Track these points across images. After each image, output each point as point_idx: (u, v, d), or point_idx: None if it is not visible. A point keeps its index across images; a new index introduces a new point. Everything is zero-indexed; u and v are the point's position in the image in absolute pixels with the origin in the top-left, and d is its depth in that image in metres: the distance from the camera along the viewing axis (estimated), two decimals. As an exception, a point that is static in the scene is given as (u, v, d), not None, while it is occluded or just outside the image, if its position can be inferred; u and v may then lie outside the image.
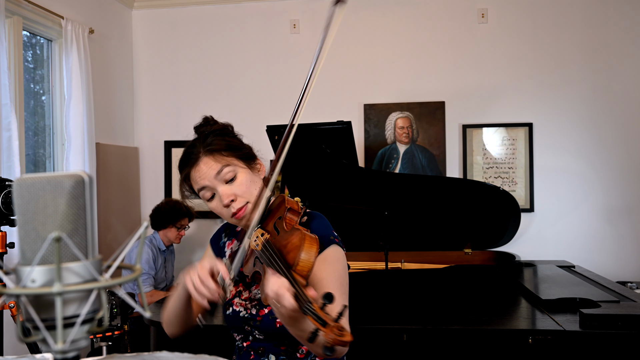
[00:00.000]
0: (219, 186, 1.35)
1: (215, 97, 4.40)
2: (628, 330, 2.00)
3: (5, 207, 2.26)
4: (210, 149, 1.36)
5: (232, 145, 1.39)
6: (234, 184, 1.35)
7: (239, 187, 1.35)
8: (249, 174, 1.38)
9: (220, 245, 1.56)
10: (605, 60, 3.97)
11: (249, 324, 1.40)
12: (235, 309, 1.44)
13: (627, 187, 3.94)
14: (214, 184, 1.35)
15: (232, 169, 1.35)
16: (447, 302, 2.55)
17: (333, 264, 1.32)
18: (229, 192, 1.34)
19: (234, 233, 1.55)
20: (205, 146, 1.36)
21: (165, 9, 4.48)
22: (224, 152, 1.36)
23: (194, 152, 1.38)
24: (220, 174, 1.34)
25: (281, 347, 1.39)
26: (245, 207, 1.35)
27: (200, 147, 1.37)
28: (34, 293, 0.55)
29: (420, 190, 3.11)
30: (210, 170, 1.34)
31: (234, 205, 1.34)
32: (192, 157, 1.37)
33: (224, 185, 1.35)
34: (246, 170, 1.38)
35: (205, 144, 1.37)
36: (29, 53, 3.64)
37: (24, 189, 0.58)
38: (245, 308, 1.42)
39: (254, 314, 1.39)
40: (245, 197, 1.35)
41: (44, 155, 3.72)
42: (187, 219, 3.83)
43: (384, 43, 4.21)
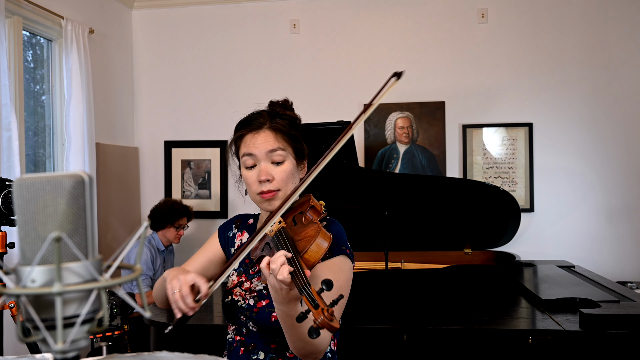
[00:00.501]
0: (264, 161, 1.37)
1: (215, 97, 4.40)
2: (628, 330, 2.00)
3: (5, 207, 2.26)
4: (276, 127, 1.39)
5: (295, 136, 1.42)
6: (279, 167, 1.38)
7: (280, 173, 1.37)
8: (294, 167, 1.41)
9: (229, 235, 1.55)
10: (605, 60, 3.97)
11: (244, 314, 1.41)
12: (234, 298, 1.44)
13: (627, 187, 3.94)
14: (262, 158, 1.37)
15: (284, 154, 1.38)
16: (447, 302, 2.55)
17: (336, 272, 1.31)
18: (270, 172, 1.36)
19: (245, 225, 1.56)
20: (273, 121, 1.39)
21: (165, 9, 4.48)
22: (286, 136, 1.39)
23: (259, 119, 1.40)
24: (272, 152, 1.37)
25: (271, 345, 1.39)
26: (276, 193, 1.37)
27: (268, 119, 1.40)
28: (34, 293, 0.55)
29: (420, 190, 3.11)
30: (266, 144, 1.37)
31: (267, 186, 1.36)
32: (257, 123, 1.40)
33: (269, 164, 1.37)
34: (293, 163, 1.41)
35: (274, 120, 1.40)
36: (29, 53, 3.64)
37: (24, 189, 0.58)
38: (244, 298, 1.42)
39: (252, 304, 1.40)
40: (281, 185, 1.37)
41: (44, 155, 3.72)
42: (185, 219, 3.82)
43: (384, 43, 4.21)
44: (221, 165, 4.40)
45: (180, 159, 4.47)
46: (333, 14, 4.27)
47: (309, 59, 4.30)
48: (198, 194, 4.45)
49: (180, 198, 4.39)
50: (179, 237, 3.85)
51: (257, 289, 1.42)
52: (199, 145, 4.42)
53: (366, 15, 4.24)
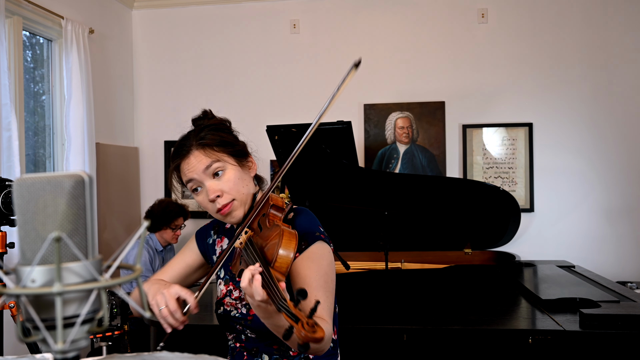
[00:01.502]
0: (206, 181, 1.35)
1: (215, 97, 4.40)
2: (628, 330, 2.00)
3: (5, 207, 2.26)
4: (202, 143, 1.35)
5: (225, 141, 1.38)
6: (222, 179, 1.34)
7: (226, 184, 1.34)
8: (238, 171, 1.37)
9: (208, 242, 1.54)
10: (605, 60, 3.97)
11: (240, 323, 1.40)
12: (226, 308, 1.43)
13: (627, 187, 3.94)
14: (202, 178, 1.35)
15: (221, 165, 1.35)
16: (447, 302, 2.55)
17: (317, 260, 1.31)
18: (216, 188, 1.34)
19: (223, 230, 1.54)
20: (198, 139, 1.36)
21: (165, 9, 4.48)
22: (215, 147, 1.35)
23: (186, 144, 1.37)
24: (208, 169, 1.34)
25: (274, 347, 1.38)
26: (231, 204, 1.35)
27: (193, 139, 1.37)
28: (34, 293, 0.55)
29: (420, 190, 3.11)
30: (199, 164, 1.34)
31: (219, 202, 1.34)
32: (184, 149, 1.37)
33: (212, 180, 1.35)
34: (236, 168, 1.37)
35: (199, 137, 1.36)
36: (29, 53, 3.64)
37: (24, 189, 0.58)
38: (236, 307, 1.41)
39: (245, 313, 1.39)
40: (232, 194, 1.35)
41: (44, 155, 3.72)
42: (181, 219, 3.80)
43: (384, 43, 4.21)
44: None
45: (180, 159, 4.47)
46: (333, 14, 4.27)
47: (309, 59, 4.30)
48: (198, 194, 4.45)
49: (180, 198, 4.39)
50: (177, 237, 3.82)
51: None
52: (199, 145, 4.41)
53: (366, 15, 4.24)
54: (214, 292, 2.84)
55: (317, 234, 1.36)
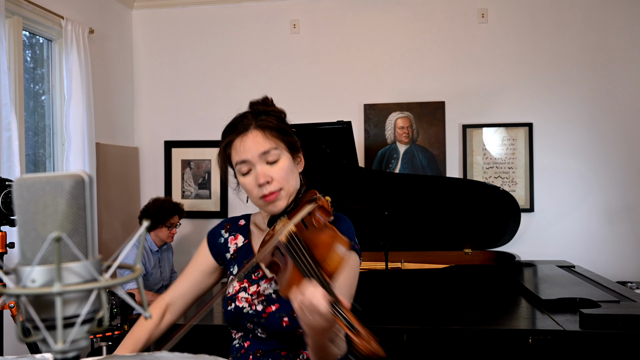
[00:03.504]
0: (259, 164, 1.31)
1: (215, 97, 4.40)
2: (628, 330, 2.00)
3: (5, 207, 2.26)
4: (263, 125, 1.32)
5: (284, 129, 1.35)
6: (275, 167, 1.31)
7: (279, 172, 1.31)
8: (291, 163, 1.34)
9: (219, 242, 1.50)
10: (605, 60, 3.97)
11: (252, 320, 1.35)
12: (238, 304, 1.38)
13: (627, 187, 3.94)
14: (255, 161, 1.31)
15: (278, 152, 1.31)
16: (447, 302, 2.55)
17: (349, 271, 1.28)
18: (267, 173, 1.30)
19: (237, 228, 1.50)
20: (259, 120, 1.33)
21: (165, 9, 4.48)
22: (275, 133, 1.32)
23: (244, 121, 1.33)
24: (265, 154, 1.30)
25: (282, 353, 1.34)
26: (278, 192, 1.31)
27: (253, 119, 1.33)
28: (34, 293, 0.55)
29: (421, 190, 3.11)
30: (257, 146, 1.30)
31: (268, 188, 1.30)
32: (242, 126, 1.33)
33: (265, 165, 1.31)
34: (290, 158, 1.34)
35: (259, 118, 1.33)
36: (29, 53, 3.64)
37: (24, 189, 0.58)
38: (250, 304, 1.36)
39: (260, 310, 1.34)
40: (281, 183, 1.31)
41: (44, 155, 3.72)
42: (177, 217, 3.76)
43: (384, 43, 4.21)
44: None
45: (180, 159, 4.47)
46: (333, 14, 4.27)
47: (309, 59, 4.30)
48: (198, 194, 4.45)
49: (180, 198, 4.39)
50: (172, 236, 3.77)
51: (265, 292, 1.36)
52: (199, 145, 4.42)
53: (366, 15, 4.24)
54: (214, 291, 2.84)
55: (353, 244, 1.34)
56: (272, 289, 1.36)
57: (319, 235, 1.20)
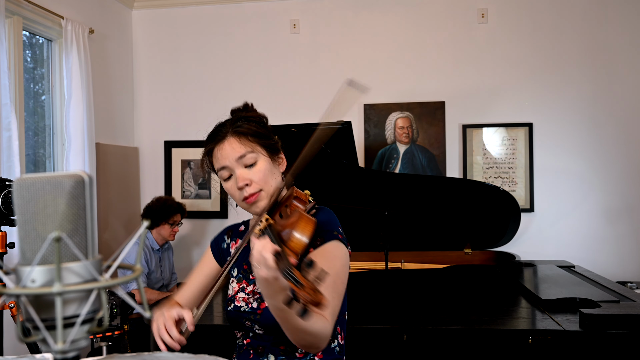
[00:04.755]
0: (237, 169, 1.38)
1: (215, 97, 4.40)
2: (628, 330, 2.00)
3: (5, 207, 2.26)
4: (238, 131, 1.38)
5: (260, 133, 1.41)
6: (253, 169, 1.37)
7: (257, 174, 1.37)
8: (270, 164, 1.40)
9: (223, 247, 1.57)
10: (605, 60, 3.97)
11: (249, 318, 1.40)
12: (237, 304, 1.43)
13: (627, 187, 3.94)
14: (234, 166, 1.38)
15: (254, 156, 1.38)
16: (447, 302, 2.55)
17: (330, 259, 1.30)
18: (246, 177, 1.37)
19: (237, 233, 1.57)
20: (235, 127, 1.39)
21: (165, 9, 4.48)
22: (250, 137, 1.38)
23: (222, 130, 1.41)
24: (242, 159, 1.37)
25: (280, 347, 1.38)
26: (258, 194, 1.37)
27: (230, 127, 1.40)
28: (34, 293, 0.55)
29: (420, 190, 3.11)
30: (234, 152, 1.37)
31: (247, 190, 1.37)
32: (220, 134, 1.40)
33: (243, 169, 1.37)
34: (268, 160, 1.40)
35: (235, 125, 1.40)
36: (28, 53, 3.64)
37: (24, 189, 0.58)
38: (247, 302, 1.42)
39: (255, 307, 1.39)
40: (260, 185, 1.37)
41: (44, 155, 3.72)
42: (179, 215, 3.79)
43: (384, 43, 4.21)
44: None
45: (180, 159, 4.47)
46: (333, 14, 4.27)
47: (309, 59, 4.30)
48: (198, 194, 4.45)
49: (179, 198, 4.39)
50: (174, 234, 3.80)
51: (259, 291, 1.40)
52: (199, 145, 4.37)
53: (366, 15, 4.24)
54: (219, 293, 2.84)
55: (335, 232, 1.37)
56: None
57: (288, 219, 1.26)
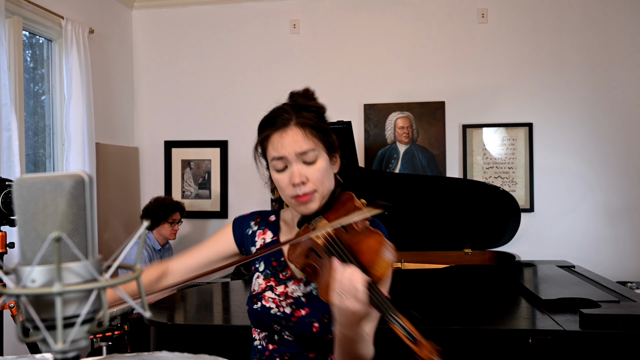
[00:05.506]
0: (296, 163, 1.25)
1: (215, 97, 4.40)
2: (628, 330, 2.00)
3: (5, 207, 2.26)
4: (303, 122, 1.26)
5: (324, 129, 1.29)
6: (312, 167, 1.25)
7: (314, 173, 1.25)
8: (328, 164, 1.29)
9: (247, 232, 1.43)
10: (605, 60, 3.97)
11: (279, 323, 1.30)
12: (264, 304, 1.32)
13: (627, 187, 3.94)
14: (292, 160, 1.25)
15: (316, 154, 1.26)
16: (447, 302, 2.55)
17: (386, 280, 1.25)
18: (303, 174, 1.24)
19: (267, 223, 1.44)
20: (299, 116, 1.26)
21: (165, 9, 4.48)
22: (315, 132, 1.26)
23: (284, 116, 1.26)
24: (303, 155, 1.25)
25: (310, 355, 1.30)
26: (312, 195, 1.26)
27: (294, 114, 1.27)
28: (34, 293, 0.55)
29: (420, 190, 3.11)
30: (296, 145, 1.24)
31: (302, 189, 1.25)
32: (282, 120, 1.26)
33: (301, 164, 1.25)
34: (327, 159, 1.29)
35: (300, 114, 1.27)
36: (28, 53, 3.64)
37: (24, 189, 0.58)
38: (278, 305, 1.31)
39: (288, 313, 1.30)
40: (316, 185, 1.26)
41: (44, 155, 3.72)
42: (178, 213, 3.80)
43: (384, 43, 4.21)
44: (221, 165, 4.40)
45: (180, 159, 4.47)
46: (333, 14, 4.27)
47: (309, 59, 4.30)
48: (198, 194, 4.45)
49: (180, 198, 4.39)
50: (175, 233, 3.81)
51: (294, 295, 1.32)
52: (199, 145, 4.42)
53: (366, 15, 4.24)
54: (214, 290, 2.84)
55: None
56: (301, 291, 1.32)
57: (362, 239, 1.16)
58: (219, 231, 1.46)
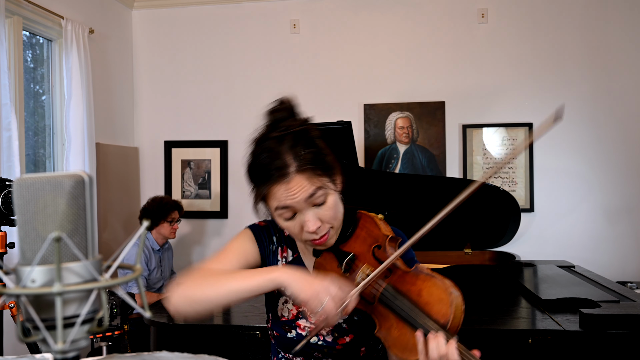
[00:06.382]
0: (305, 210, 1.14)
1: (215, 97, 4.40)
2: (628, 330, 2.00)
3: (5, 207, 2.26)
4: (304, 168, 1.12)
5: (324, 162, 1.16)
6: (322, 208, 1.15)
7: (327, 212, 1.16)
8: (337, 196, 1.19)
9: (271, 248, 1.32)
10: (605, 60, 3.97)
11: (322, 351, 1.25)
12: (300, 332, 1.26)
13: (627, 187, 3.94)
14: (301, 207, 1.14)
15: (324, 192, 1.15)
16: (447, 302, 2.55)
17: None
18: (316, 218, 1.14)
19: (283, 239, 1.34)
20: (297, 159, 1.12)
21: (165, 9, 4.48)
22: (318, 171, 1.13)
23: (280, 165, 1.12)
24: (311, 198, 1.13)
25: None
26: (328, 233, 1.18)
27: (291, 159, 1.12)
28: (34, 293, 0.55)
29: (421, 190, 3.11)
30: (302, 193, 1.12)
31: (319, 232, 1.16)
32: (279, 170, 1.12)
33: (311, 209, 1.14)
34: (335, 193, 1.19)
35: (297, 156, 1.12)
36: (29, 53, 3.64)
37: (24, 189, 0.58)
38: (317, 334, 1.25)
39: (330, 341, 1.25)
40: (331, 223, 1.18)
41: (44, 155, 3.72)
42: (177, 212, 3.79)
43: (384, 43, 4.21)
44: (221, 165, 4.40)
45: (180, 159, 4.47)
46: (333, 14, 4.27)
47: (309, 59, 4.30)
48: (198, 194, 4.45)
49: (180, 198, 4.39)
50: (174, 232, 3.79)
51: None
52: (199, 145, 4.42)
53: (366, 15, 4.24)
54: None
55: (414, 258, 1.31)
56: (342, 319, 1.25)
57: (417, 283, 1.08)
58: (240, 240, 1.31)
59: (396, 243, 1.18)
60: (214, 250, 4.18)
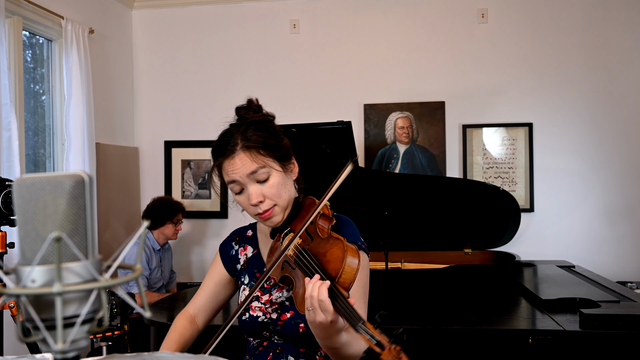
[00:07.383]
0: (249, 184, 1.31)
1: (215, 97, 4.40)
2: (628, 330, 2.00)
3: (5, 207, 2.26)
4: (249, 145, 1.30)
5: (272, 145, 1.33)
6: (266, 185, 1.31)
7: (269, 189, 1.31)
8: (282, 177, 1.34)
9: (231, 254, 1.52)
10: (605, 60, 3.96)
11: (267, 328, 1.38)
12: (252, 314, 1.40)
13: (627, 187, 3.94)
14: (245, 181, 1.31)
15: (266, 171, 1.31)
16: (447, 302, 2.55)
17: (360, 272, 1.28)
18: (258, 193, 1.31)
19: (245, 239, 1.53)
20: (244, 140, 1.31)
21: (165, 9, 4.48)
22: (262, 151, 1.31)
23: (230, 142, 1.32)
24: (253, 174, 1.30)
25: (300, 349, 1.36)
26: (272, 209, 1.32)
27: (239, 139, 1.32)
28: (34, 293, 0.55)
29: (420, 190, 3.11)
30: (244, 168, 1.30)
31: (261, 207, 1.31)
32: (228, 148, 1.32)
33: (255, 184, 1.31)
34: (280, 173, 1.33)
35: (245, 137, 1.31)
36: (29, 53, 3.64)
37: (24, 189, 0.58)
38: (265, 312, 1.39)
39: (275, 318, 1.37)
40: (274, 200, 1.32)
41: (44, 155, 3.72)
42: (181, 214, 3.84)
43: (384, 43, 4.21)
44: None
45: (180, 159, 4.47)
46: (333, 14, 4.27)
47: (309, 59, 4.30)
48: (198, 194, 4.45)
49: (180, 198, 4.39)
50: (177, 233, 3.83)
51: (278, 301, 1.39)
52: (199, 145, 4.42)
53: (366, 15, 4.24)
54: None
55: (359, 243, 1.35)
56: (285, 297, 1.39)
57: (326, 246, 1.20)
58: (212, 263, 1.55)
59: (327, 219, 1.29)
60: (213, 250, 4.18)
